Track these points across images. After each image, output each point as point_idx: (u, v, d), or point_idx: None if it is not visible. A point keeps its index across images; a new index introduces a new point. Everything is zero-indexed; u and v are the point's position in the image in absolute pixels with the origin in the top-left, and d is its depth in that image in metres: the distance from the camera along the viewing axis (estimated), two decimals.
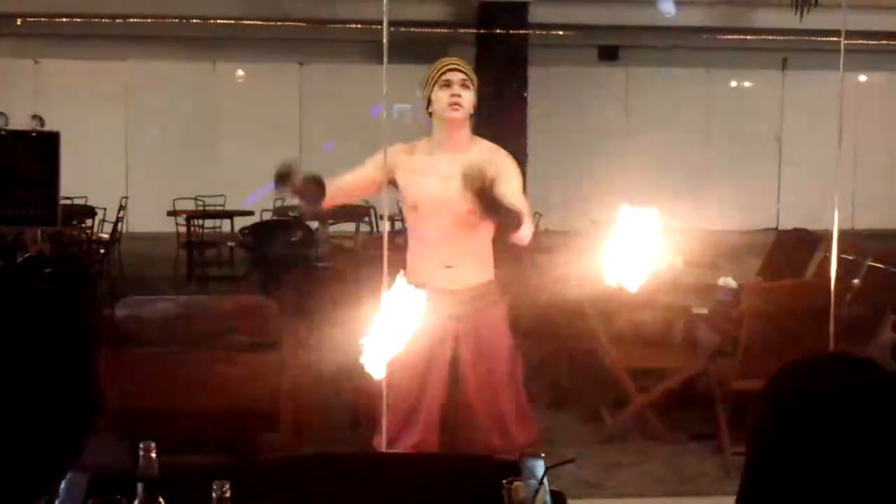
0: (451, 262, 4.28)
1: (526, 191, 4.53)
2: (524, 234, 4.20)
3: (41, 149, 7.34)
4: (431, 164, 4.30)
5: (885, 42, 13.96)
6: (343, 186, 4.43)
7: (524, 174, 4.56)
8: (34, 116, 11.65)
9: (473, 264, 4.33)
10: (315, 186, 4.28)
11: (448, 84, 4.27)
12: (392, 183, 4.35)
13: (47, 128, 8.30)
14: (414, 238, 4.40)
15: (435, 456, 3.82)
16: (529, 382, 7.34)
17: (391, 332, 3.14)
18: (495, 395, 4.34)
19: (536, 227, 11.30)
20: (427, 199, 4.27)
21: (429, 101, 4.33)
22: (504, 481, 2.25)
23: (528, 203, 4.32)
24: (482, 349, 4.32)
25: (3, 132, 7.32)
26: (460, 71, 4.31)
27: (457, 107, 4.26)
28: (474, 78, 4.35)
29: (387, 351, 3.14)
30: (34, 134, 7.61)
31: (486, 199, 3.98)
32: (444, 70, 4.30)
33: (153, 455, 2.32)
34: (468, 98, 4.29)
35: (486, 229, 4.33)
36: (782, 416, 1.54)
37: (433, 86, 4.30)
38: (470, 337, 4.30)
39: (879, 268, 6.81)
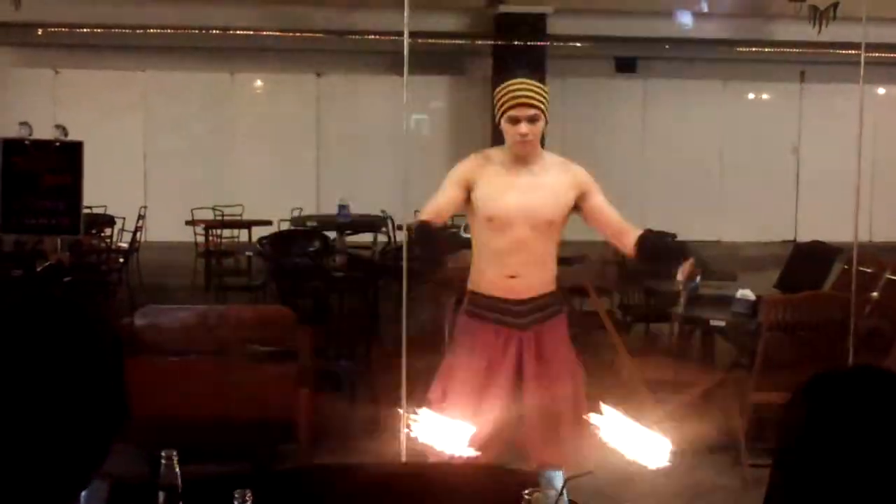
0: (518, 271, 4.29)
1: None
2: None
3: (64, 158, 7.38)
4: (508, 178, 4.31)
5: None
6: (439, 213, 4.35)
7: None
8: (57, 126, 11.70)
9: (538, 274, 4.37)
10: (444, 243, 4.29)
11: (516, 121, 4.25)
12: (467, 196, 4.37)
13: (69, 138, 8.36)
14: (483, 249, 4.40)
15: (454, 466, 3.82)
16: None
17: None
18: (556, 408, 4.33)
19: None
20: (504, 212, 4.28)
21: (499, 120, 4.34)
22: (524, 492, 2.26)
23: None
24: (545, 358, 4.32)
25: (27, 142, 7.36)
26: (529, 105, 4.25)
27: (524, 144, 4.28)
28: (545, 101, 4.30)
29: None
30: (57, 143, 7.64)
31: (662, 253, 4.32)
32: (511, 103, 4.26)
33: (174, 463, 2.34)
34: (538, 129, 4.28)
35: (555, 240, 4.40)
36: (813, 427, 1.54)
37: (501, 115, 4.30)
38: (532, 346, 4.31)
39: None
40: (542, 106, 4.28)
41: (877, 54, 9.51)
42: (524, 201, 4.26)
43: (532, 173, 4.32)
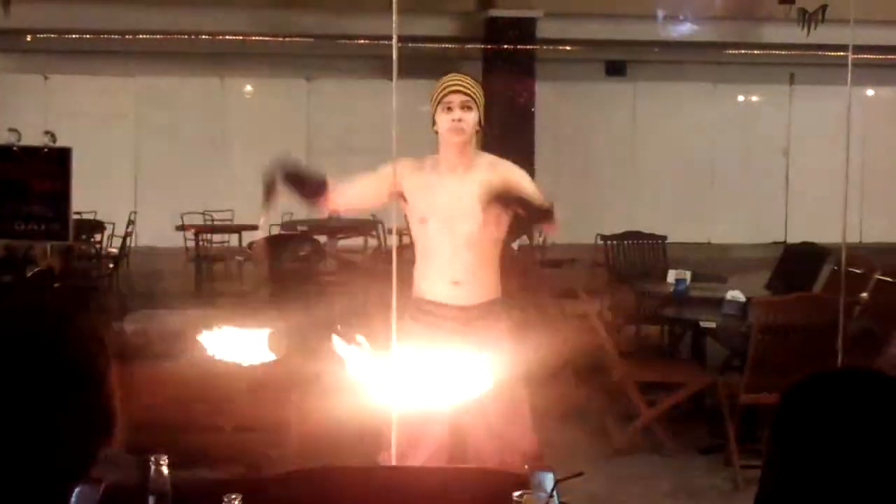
0: (459, 278, 4.29)
1: None
2: (557, 221, 4.27)
3: (53, 164, 7.37)
4: (440, 182, 4.32)
5: (892, 56, 13.95)
6: (348, 192, 4.42)
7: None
8: (46, 132, 11.68)
9: (481, 281, 4.33)
10: (314, 181, 4.27)
11: (449, 108, 4.27)
12: (400, 196, 4.37)
13: (57, 143, 8.35)
14: (421, 253, 4.41)
15: (444, 469, 3.83)
16: (537, 396, 7.37)
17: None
18: (498, 414, 4.30)
19: (543, 242, 11.35)
20: (436, 216, 4.28)
21: (433, 120, 4.35)
22: (514, 494, 2.26)
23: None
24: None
25: (15, 148, 7.35)
26: (462, 92, 4.28)
27: (458, 131, 4.28)
28: (479, 95, 4.33)
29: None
30: (46, 150, 7.63)
31: (512, 200, 4.07)
32: (445, 92, 4.29)
33: (165, 469, 2.34)
34: (471, 119, 4.29)
35: (494, 247, 4.36)
36: (801, 427, 1.55)
37: (436, 107, 4.31)
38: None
39: (888, 281, 6.81)
40: (476, 97, 4.29)
41: (865, 56, 9.54)
42: (455, 204, 4.24)
43: (461, 175, 4.31)
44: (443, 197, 4.29)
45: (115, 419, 1.54)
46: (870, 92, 16.79)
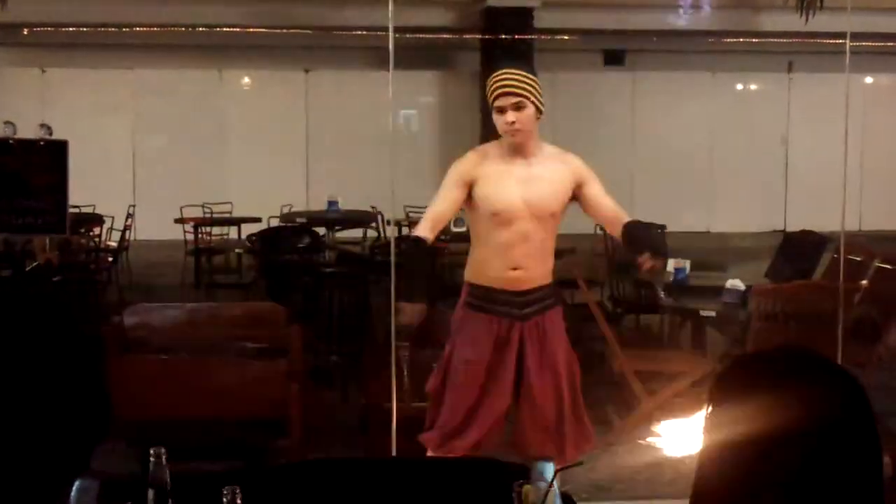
0: (521, 263, 4.32)
1: None
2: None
3: (49, 157, 7.35)
4: (507, 171, 4.33)
5: (890, 44, 13.93)
6: (441, 219, 4.42)
7: None
8: (42, 125, 11.67)
9: (539, 266, 4.40)
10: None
11: (501, 110, 4.26)
12: (468, 187, 4.37)
13: (54, 136, 8.33)
14: (484, 243, 4.42)
15: (444, 460, 3.83)
16: None
17: None
18: (557, 398, 4.37)
19: None
20: (508, 206, 4.29)
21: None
22: (514, 484, 2.26)
23: None
24: (547, 351, 4.35)
25: (11, 141, 7.33)
26: (512, 93, 4.25)
27: (514, 132, 4.28)
28: (532, 88, 4.28)
29: None
30: (42, 143, 7.62)
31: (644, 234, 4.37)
32: (495, 94, 4.27)
33: (164, 461, 2.34)
34: (526, 117, 4.27)
35: (554, 231, 4.45)
36: (729, 409, 1.58)
37: (491, 106, 4.31)
38: (535, 338, 4.34)
39: (887, 269, 6.81)
40: (528, 93, 4.26)
41: (863, 43, 9.53)
42: (526, 194, 4.28)
43: (530, 165, 4.35)
44: (511, 185, 4.31)
45: (109, 413, 1.54)
46: (868, 79, 16.77)
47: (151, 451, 2.35)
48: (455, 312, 4.45)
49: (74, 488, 2.55)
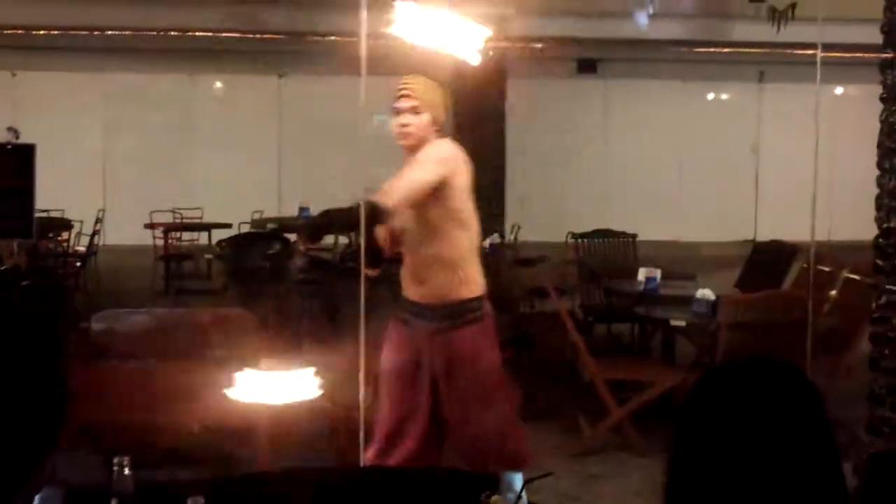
0: (422, 277, 4.25)
1: (504, 203, 4.53)
2: (390, 208, 3.98)
3: (16, 161, 7.30)
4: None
5: (860, 54, 14.04)
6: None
7: (502, 187, 4.56)
8: (9, 129, 11.60)
9: (445, 280, 4.23)
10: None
11: (397, 111, 4.25)
12: None
13: (24, 140, 8.26)
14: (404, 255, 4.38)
15: (413, 470, 3.80)
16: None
17: None
18: (476, 414, 4.26)
19: (515, 238, 11.35)
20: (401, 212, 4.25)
21: None
22: (482, 495, 2.25)
23: (421, 179, 4.10)
24: (457, 366, 4.23)
25: None
26: (409, 97, 4.24)
27: (403, 136, 4.25)
28: (431, 96, 4.25)
29: None
30: (9, 146, 7.56)
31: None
32: (396, 95, 4.26)
33: (127, 470, 2.31)
34: (418, 122, 4.21)
35: (452, 245, 4.22)
36: (702, 419, 1.60)
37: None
38: (444, 353, 4.22)
39: (856, 279, 6.84)
40: (423, 98, 4.23)
41: (834, 54, 9.58)
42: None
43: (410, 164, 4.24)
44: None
45: (64, 418, 1.51)
46: (839, 90, 16.89)
47: (115, 460, 2.32)
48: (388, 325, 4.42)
49: (38, 497, 2.52)
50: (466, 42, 4.32)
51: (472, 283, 4.30)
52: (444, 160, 4.17)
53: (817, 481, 1.54)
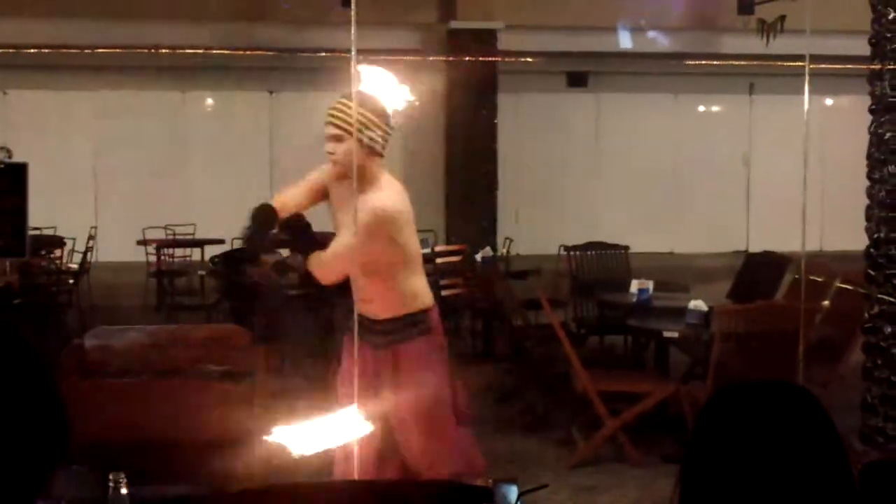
0: (366, 296, 4.26)
1: (496, 216, 4.54)
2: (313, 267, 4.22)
3: (8, 180, 7.30)
4: (347, 199, 4.18)
5: (850, 66, 14.09)
6: (296, 196, 4.42)
7: (494, 201, 4.57)
8: (1, 148, 11.62)
9: (387, 297, 4.28)
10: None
11: (327, 139, 4.24)
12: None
13: (16, 159, 8.27)
14: None
15: (408, 483, 3.81)
16: (502, 407, 7.37)
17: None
18: (422, 427, 4.29)
19: (507, 251, 11.37)
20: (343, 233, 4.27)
21: None
22: None
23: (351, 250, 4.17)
24: (400, 381, 4.27)
25: None
26: (331, 124, 4.21)
27: (332, 163, 4.26)
28: (353, 122, 4.11)
29: None
30: (1, 165, 7.57)
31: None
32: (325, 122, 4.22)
33: (122, 487, 2.32)
34: (344, 150, 4.15)
35: (390, 267, 4.25)
36: (718, 438, 1.61)
37: None
38: (388, 368, 4.27)
39: (848, 289, 6.86)
40: (347, 127, 4.12)
41: (823, 66, 9.63)
42: (349, 223, 4.14)
43: (343, 190, 4.27)
44: (344, 215, 4.24)
45: (68, 437, 1.51)
46: (828, 101, 16.95)
47: (111, 477, 2.33)
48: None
49: None
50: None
51: (416, 296, 4.32)
52: (380, 230, 4.13)
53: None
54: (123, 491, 2.31)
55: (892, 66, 5.53)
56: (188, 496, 2.83)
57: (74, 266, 11.44)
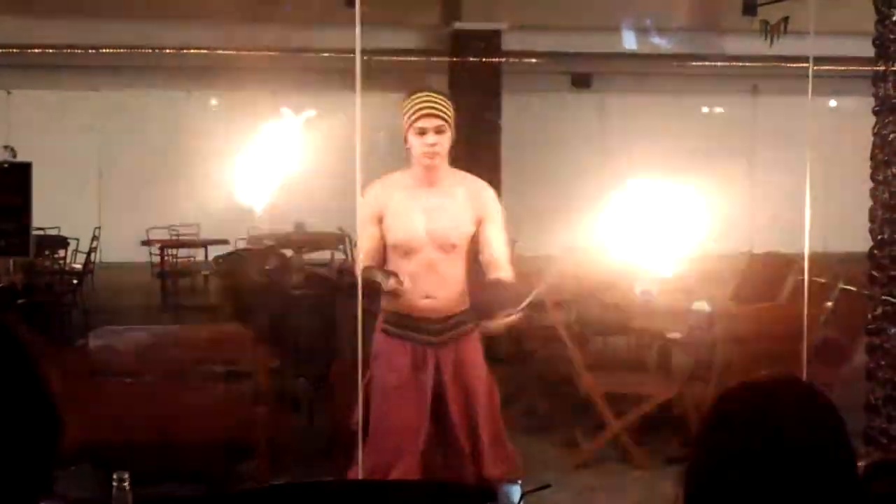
0: (430, 292, 4.29)
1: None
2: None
3: (13, 179, 7.31)
4: (414, 200, 4.31)
5: (853, 67, 14.09)
6: (377, 255, 4.40)
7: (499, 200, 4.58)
8: (6, 147, 11.61)
9: (451, 294, 4.35)
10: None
11: (423, 131, 4.24)
12: (379, 219, 4.36)
13: (20, 158, 8.28)
14: (396, 267, 4.38)
15: (412, 483, 3.81)
16: (505, 408, 7.37)
17: None
18: (474, 423, 4.36)
19: (512, 251, 11.35)
20: (407, 237, 4.28)
21: (405, 138, 4.32)
22: None
23: (508, 246, 4.42)
24: (462, 376, 4.35)
25: None
26: (436, 116, 4.24)
27: (433, 155, 4.26)
28: (451, 115, 4.29)
29: None
30: (6, 165, 7.58)
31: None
32: (418, 115, 4.24)
33: (126, 486, 2.32)
34: (445, 142, 4.27)
35: (462, 259, 4.39)
36: (726, 434, 1.60)
37: (408, 128, 4.27)
38: (450, 364, 4.34)
39: (852, 290, 6.85)
40: (450, 119, 4.27)
41: (827, 67, 9.62)
42: (429, 224, 4.24)
43: (436, 195, 4.32)
44: (419, 213, 4.28)
45: (59, 438, 1.51)
46: (832, 102, 16.94)
47: (115, 476, 2.33)
48: (374, 339, 4.44)
49: None
50: None
51: (467, 296, 4.43)
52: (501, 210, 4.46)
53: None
54: (127, 489, 2.31)
55: None
56: (191, 497, 2.83)
57: (78, 266, 11.46)
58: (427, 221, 4.25)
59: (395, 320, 4.36)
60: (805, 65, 5.31)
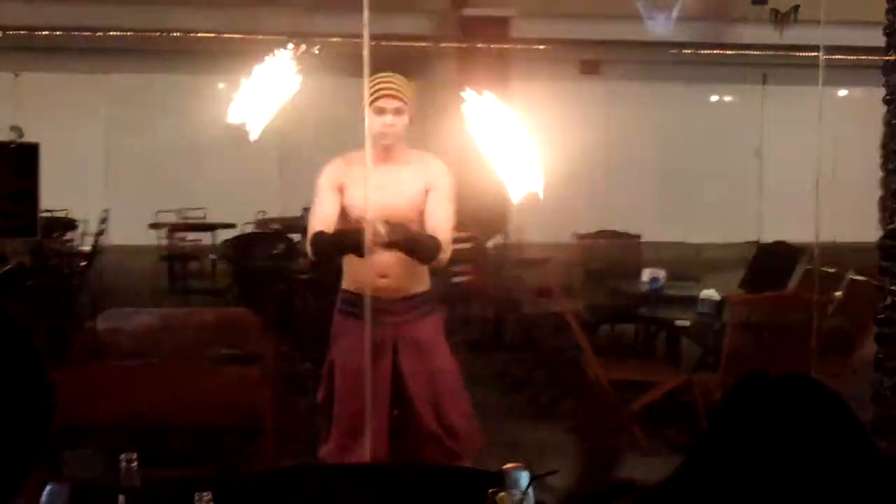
0: (386, 271, 4.27)
1: (507, 204, 4.54)
2: (439, 260, 4.26)
3: (20, 160, 7.31)
4: (371, 177, 4.25)
5: (863, 57, 14.03)
6: (331, 222, 4.39)
7: (505, 188, 4.56)
8: (13, 128, 11.59)
9: (407, 272, 4.33)
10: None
11: (382, 111, 4.28)
12: (339, 192, 4.39)
13: (27, 140, 8.29)
14: None
15: (419, 467, 3.81)
16: (513, 395, 7.38)
17: None
18: (437, 403, 4.37)
19: (519, 239, 11.34)
20: (361, 212, 4.25)
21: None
22: (489, 492, 2.25)
23: (452, 219, 4.37)
24: (421, 357, 4.34)
25: None
26: (395, 97, 4.30)
27: (388, 135, 4.29)
28: (411, 96, 4.35)
29: None
30: (13, 145, 7.57)
31: (406, 246, 4.10)
32: (379, 94, 4.28)
33: (134, 466, 2.32)
34: (401, 123, 4.34)
35: None
36: (733, 434, 1.59)
37: (368, 106, 4.27)
38: (409, 345, 4.33)
39: (861, 280, 6.84)
40: (406, 98, 4.33)
41: (837, 57, 9.57)
42: (382, 200, 4.17)
43: (391, 172, 4.31)
44: (374, 191, 4.24)
45: (50, 423, 1.51)
46: (842, 92, 16.88)
47: (123, 456, 2.33)
48: (333, 321, 4.45)
49: (45, 493, 2.53)
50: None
51: (427, 276, 4.44)
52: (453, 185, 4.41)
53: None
54: (136, 470, 2.31)
55: None
56: (198, 477, 2.83)
57: (86, 248, 11.46)
58: (380, 197, 4.17)
59: (351, 299, 4.36)
60: (815, 54, 5.29)
